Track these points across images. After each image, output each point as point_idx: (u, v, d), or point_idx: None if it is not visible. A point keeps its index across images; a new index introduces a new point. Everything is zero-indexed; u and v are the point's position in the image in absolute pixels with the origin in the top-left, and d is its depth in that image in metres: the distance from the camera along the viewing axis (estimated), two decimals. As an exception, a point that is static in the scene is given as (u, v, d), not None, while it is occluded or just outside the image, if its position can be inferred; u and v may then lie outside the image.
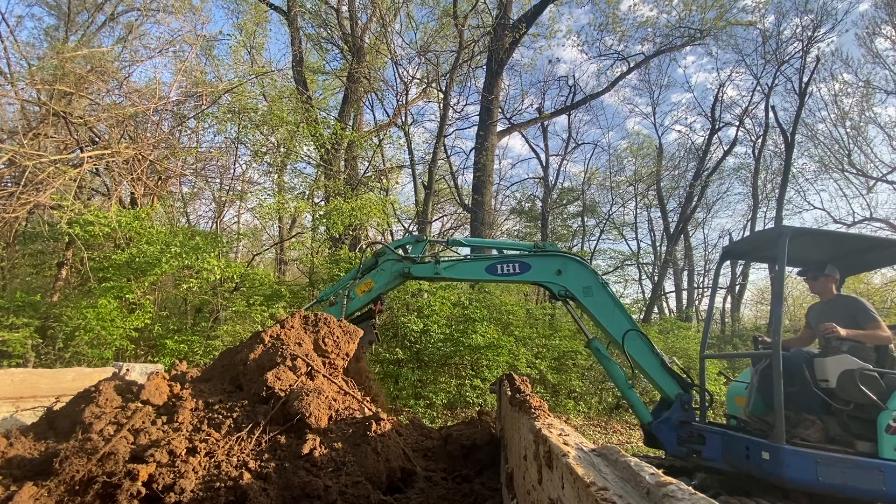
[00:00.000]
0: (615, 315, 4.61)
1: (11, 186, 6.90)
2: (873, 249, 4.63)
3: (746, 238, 6.11)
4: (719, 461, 4.19)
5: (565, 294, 4.54)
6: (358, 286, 4.43)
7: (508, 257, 4.55)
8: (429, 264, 4.46)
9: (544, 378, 10.72)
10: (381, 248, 4.69)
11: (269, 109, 11.53)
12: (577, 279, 4.58)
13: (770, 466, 3.57)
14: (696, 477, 4.30)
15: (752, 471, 3.83)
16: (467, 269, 4.58)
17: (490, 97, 15.42)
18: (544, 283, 4.61)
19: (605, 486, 0.79)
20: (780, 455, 3.50)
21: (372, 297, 4.39)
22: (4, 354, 6.50)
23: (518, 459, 1.75)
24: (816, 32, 18.52)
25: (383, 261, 4.50)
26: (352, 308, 4.31)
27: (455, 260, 4.58)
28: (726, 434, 4.20)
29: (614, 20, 18.69)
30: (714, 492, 3.98)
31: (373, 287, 4.42)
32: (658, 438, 4.50)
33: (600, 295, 4.62)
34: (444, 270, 4.43)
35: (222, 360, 2.81)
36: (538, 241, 4.88)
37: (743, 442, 3.95)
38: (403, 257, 4.50)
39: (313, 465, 2.03)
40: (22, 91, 8.27)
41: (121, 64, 10.42)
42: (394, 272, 4.45)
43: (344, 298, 4.31)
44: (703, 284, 25.15)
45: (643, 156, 24.48)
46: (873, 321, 4.18)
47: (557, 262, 4.59)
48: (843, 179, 21.49)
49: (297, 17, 14.19)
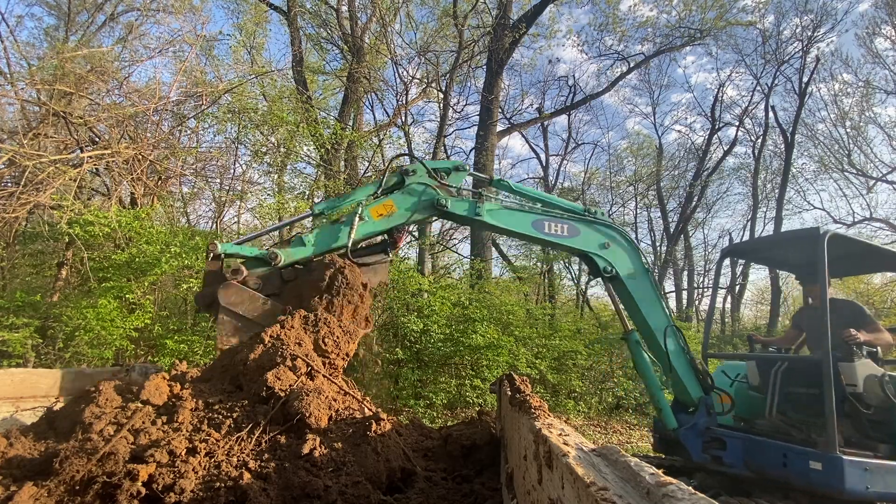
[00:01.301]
0: (655, 306, 4.10)
1: (11, 186, 6.90)
2: (870, 256, 4.64)
3: (764, 238, 6.13)
4: (740, 466, 3.98)
5: (611, 272, 3.94)
6: (374, 206, 3.48)
7: (558, 216, 3.84)
8: (469, 201, 3.60)
9: (544, 378, 10.72)
10: (414, 164, 3.63)
11: (269, 109, 11.54)
12: (624, 258, 4.00)
13: (823, 477, 3.35)
14: (696, 477, 4.30)
15: (790, 479, 3.62)
16: (512, 219, 3.72)
17: (490, 97, 15.42)
18: (591, 255, 3.93)
19: (605, 486, 0.79)
20: (838, 465, 3.30)
21: (390, 225, 3.49)
22: (4, 354, 6.50)
23: (518, 459, 1.75)
24: (816, 32, 18.57)
25: (412, 181, 3.56)
26: (362, 233, 3.43)
27: (500, 204, 3.73)
28: (751, 439, 3.97)
29: (614, 20, 18.70)
30: (714, 492, 3.97)
31: (394, 212, 3.48)
32: (685, 446, 4.14)
33: (643, 281, 4.07)
34: (487, 214, 3.59)
35: (222, 360, 2.81)
36: (588, 206, 4.19)
37: (778, 449, 3.72)
38: (440, 183, 3.56)
39: (313, 465, 2.03)
40: (22, 91, 8.27)
41: (121, 64, 10.42)
42: (424, 199, 3.52)
43: (354, 217, 3.37)
44: (702, 284, 25.18)
45: (643, 156, 24.51)
46: (874, 325, 4.21)
47: (606, 234, 3.98)
48: (843, 179, 21.55)
49: (296, 17, 14.20)
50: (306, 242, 3.37)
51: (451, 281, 13.91)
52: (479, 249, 14.35)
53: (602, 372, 12.34)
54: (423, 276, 11.16)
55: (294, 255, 3.36)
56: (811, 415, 4.05)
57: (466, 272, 14.67)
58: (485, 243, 14.78)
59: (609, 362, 12.75)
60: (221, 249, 3.26)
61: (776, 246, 5.17)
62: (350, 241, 3.33)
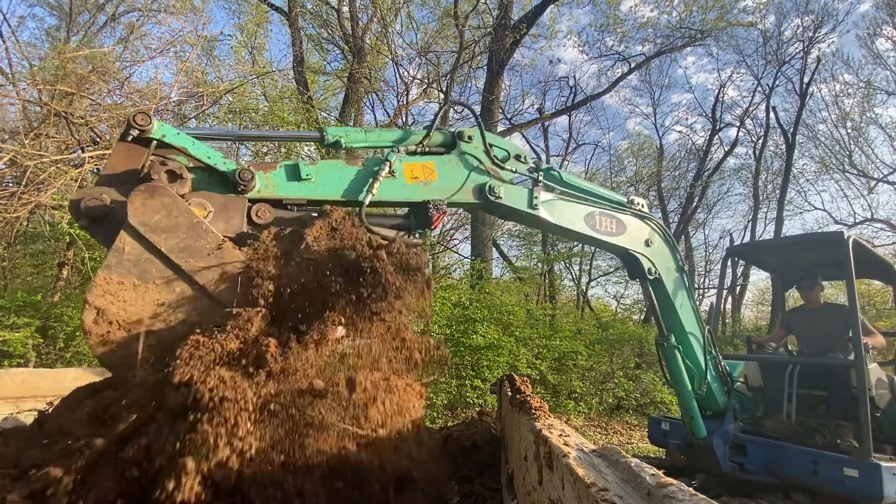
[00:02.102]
0: (690, 307, 3.76)
1: (13, 186, 6.91)
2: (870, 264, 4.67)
3: (773, 240, 6.18)
4: (763, 473, 3.88)
5: (654, 273, 3.49)
6: (410, 163, 2.56)
7: (608, 207, 3.26)
8: (524, 190, 2.86)
9: (545, 379, 10.72)
10: (468, 128, 2.79)
11: (269, 110, 11.54)
12: (665, 256, 3.59)
13: (860, 485, 3.29)
14: (697, 478, 4.29)
15: (821, 486, 3.55)
16: (567, 213, 3.08)
17: (491, 97, 15.42)
18: (636, 254, 3.43)
19: (606, 487, 0.78)
20: (876, 473, 3.23)
21: (423, 196, 2.52)
22: (5, 354, 6.50)
23: (518, 460, 1.75)
24: (817, 33, 18.58)
25: (468, 150, 2.72)
26: (387, 193, 2.46)
27: (552, 191, 3.02)
28: (775, 445, 3.88)
29: (615, 21, 18.69)
30: (715, 493, 3.96)
31: (433, 181, 2.58)
32: (715, 454, 3.94)
33: (680, 280, 3.69)
34: (544, 206, 2.93)
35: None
36: (630, 196, 3.51)
37: (807, 455, 3.63)
38: (493, 165, 2.76)
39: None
40: (23, 91, 8.28)
41: (122, 64, 10.42)
42: (475, 181, 2.70)
43: (383, 166, 2.42)
44: (703, 285, 25.15)
45: (644, 156, 24.50)
46: (867, 328, 4.26)
47: (647, 230, 3.47)
48: (844, 180, 21.54)
49: (297, 18, 14.22)
50: (304, 175, 2.30)
51: (451, 281, 13.92)
52: (480, 250, 14.35)
53: (602, 372, 12.33)
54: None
55: (279, 189, 2.25)
56: (822, 417, 4.05)
57: (467, 272, 14.68)
58: (485, 243, 14.78)
59: (609, 363, 12.74)
60: (158, 129, 2.00)
61: (785, 248, 5.18)
62: (368, 199, 2.35)
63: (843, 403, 3.93)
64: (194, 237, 1.85)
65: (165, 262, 1.82)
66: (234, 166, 2.09)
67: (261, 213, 2.13)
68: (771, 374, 4.55)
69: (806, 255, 4.90)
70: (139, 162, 1.94)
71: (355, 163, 2.45)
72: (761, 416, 4.52)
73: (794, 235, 6.27)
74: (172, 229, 1.82)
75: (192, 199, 1.95)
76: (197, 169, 2.07)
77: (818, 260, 4.80)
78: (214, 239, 1.89)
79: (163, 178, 1.90)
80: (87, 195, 1.87)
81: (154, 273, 1.81)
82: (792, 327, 5.15)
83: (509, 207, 2.83)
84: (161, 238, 1.80)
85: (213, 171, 2.09)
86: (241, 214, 2.06)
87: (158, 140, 1.99)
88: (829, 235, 4.76)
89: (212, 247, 1.87)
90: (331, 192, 2.36)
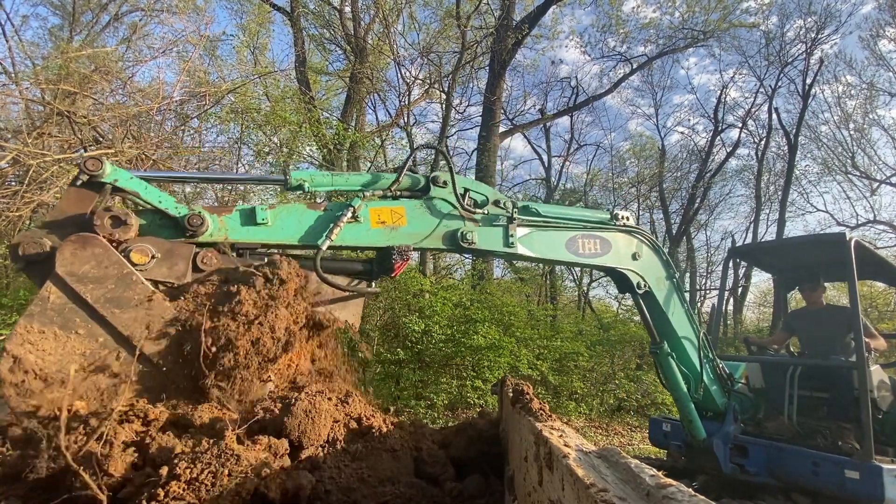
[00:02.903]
0: (683, 314, 3.72)
1: (15, 185, 6.93)
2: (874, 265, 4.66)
3: (776, 241, 6.19)
4: (764, 475, 3.88)
5: (644, 287, 3.46)
6: (376, 207, 2.50)
7: (589, 228, 3.23)
8: (499, 230, 2.82)
9: (546, 379, 10.71)
10: (443, 172, 2.73)
11: (272, 110, 11.56)
12: (654, 266, 3.53)
13: (861, 487, 3.29)
14: (698, 479, 4.28)
15: (821, 488, 3.55)
16: (546, 244, 3.04)
17: (492, 98, 15.43)
18: (623, 271, 3.38)
19: (606, 488, 0.79)
20: (878, 475, 3.23)
21: (390, 241, 2.49)
22: (7, 353, 6.52)
23: (519, 461, 1.75)
24: (820, 34, 18.55)
25: (439, 195, 2.66)
26: (350, 238, 2.42)
27: (529, 225, 2.97)
28: (777, 446, 3.87)
29: (617, 22, 18.68)
30: (715, 494, 3.96)
31: (401, 226, 2.53)
32: (716, 456, 3.93)
33: (671, 288, 3.63)
34: (520, 241, 2.89)
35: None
36: (613, 211, 3.45)
37: (807, 456, 3.63)
38: (465, 211, 2.70)
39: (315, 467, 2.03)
40: (26, 90, 8.31)
41: (125, 64, 10.45)
42: (446, 228, 2.64)
43: (345, 211, 2.37)
44: (705, 286, 25.10)
45: (645, 157, 24.47)
46: (868, 329, 4.25)
47: (634, 243, 3.43)
48: (847, 182, 21.49)
49: (300, 18, 14.25)
50: (260, 220, 2.25)
51: (452, 281, 13.91)
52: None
53: (603, 373, 12.32)
54: (424, 276, 11.17)
55: (233, 233, 2.21)
56: (823, 419, 4.05)
57: (468, 273, 14.67)
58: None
59: (611, 364, 12.73)
60: (110, 173, 1.98)
61: (787, 249, 5.18)
62: (326, 245, 2.29)
63: (845, 405, 3.93)
64: (123, 288, 1.83)
65: (90, 313, 1.79)
66: (185, 211, 2.09)
67: (206, 259, 2.07)
68: (772, 376, 4.55)
69: (808, 257, 4.90)
70: (88, 207, 1.95)
71: (317, 207, 2.41)
72: (762, 417, 4.51)
73: (796, 237, 6.25)
74: (100, 280, 1.80)
75: (135, 244, 1.92)
76: (148, 212, 2.10)
77: (820, 261, 4.79)
78: (144, 290, 1.87)
79: (106, 224, 1.88)
80: (26, 239, 1.86)
81: (77, 323, 1.78)
82: (794, 329, 5.14)
83: (485, 251, 2.82)
84: (87, 288, 1.79)
85: (165, 215, 2.09)
86: (186, 260, 2.02)
87: (114, 185, 1.99)
88: (831, 237, 4.77)
89: (140, 298, 1.85)
90: (288, 237, 2.34)
